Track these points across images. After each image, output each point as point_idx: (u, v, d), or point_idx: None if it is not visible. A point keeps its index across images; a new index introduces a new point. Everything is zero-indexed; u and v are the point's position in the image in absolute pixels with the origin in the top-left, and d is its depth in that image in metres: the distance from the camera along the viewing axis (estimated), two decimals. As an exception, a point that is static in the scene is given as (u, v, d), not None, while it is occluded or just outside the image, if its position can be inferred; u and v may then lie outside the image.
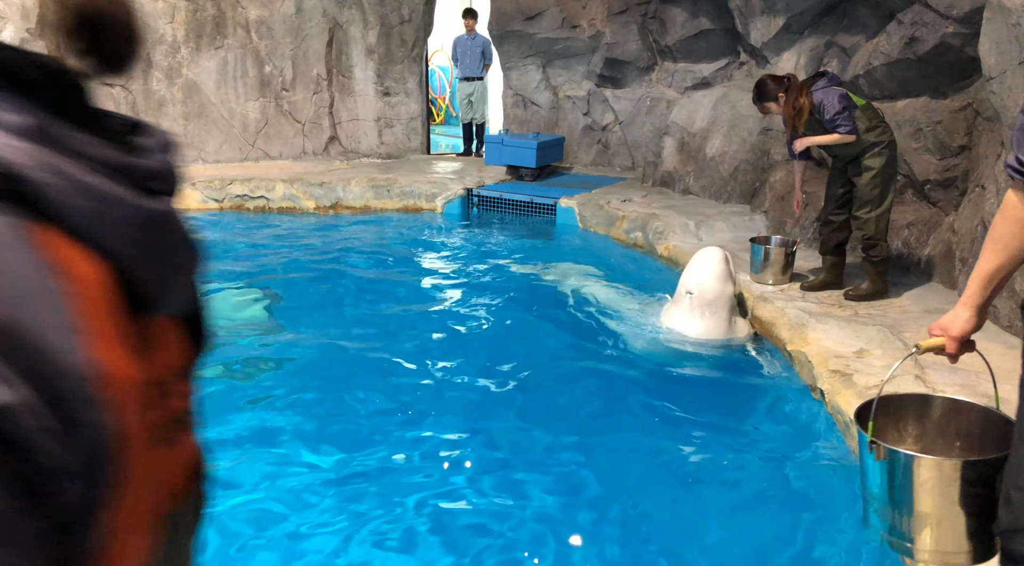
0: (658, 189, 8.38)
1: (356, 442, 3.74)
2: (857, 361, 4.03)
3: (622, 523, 3.19)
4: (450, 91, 16.19)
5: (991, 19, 4.52)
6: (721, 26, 8.23)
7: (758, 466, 3.57)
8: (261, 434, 3.79)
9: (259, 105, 9.99)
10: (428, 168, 9.78)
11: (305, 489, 3.36)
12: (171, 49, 9.48)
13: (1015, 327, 4.32)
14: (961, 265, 4.95)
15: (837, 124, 4.66)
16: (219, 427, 3.84)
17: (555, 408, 4.12)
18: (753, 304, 5.10)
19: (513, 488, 3.39)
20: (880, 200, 4.85)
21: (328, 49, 10.18)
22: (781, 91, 4.82)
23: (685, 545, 3.05)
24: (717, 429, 3.90)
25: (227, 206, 8.56)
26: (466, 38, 10.77)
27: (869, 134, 4.74)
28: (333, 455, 3.63)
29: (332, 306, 5.66)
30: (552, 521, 3.15)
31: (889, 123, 5.03)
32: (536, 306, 5.60)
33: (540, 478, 3.45)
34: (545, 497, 3.33)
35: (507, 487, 3.40)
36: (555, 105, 10.00)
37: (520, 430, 3.89)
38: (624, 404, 4.14)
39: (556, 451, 3.67)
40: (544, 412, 4.05)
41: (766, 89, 4.88)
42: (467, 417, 4.00)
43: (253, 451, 3.65)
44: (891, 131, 4.88)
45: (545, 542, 3.04)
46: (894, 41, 5.90)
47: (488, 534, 3.08)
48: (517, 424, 3.95)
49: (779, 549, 3.00)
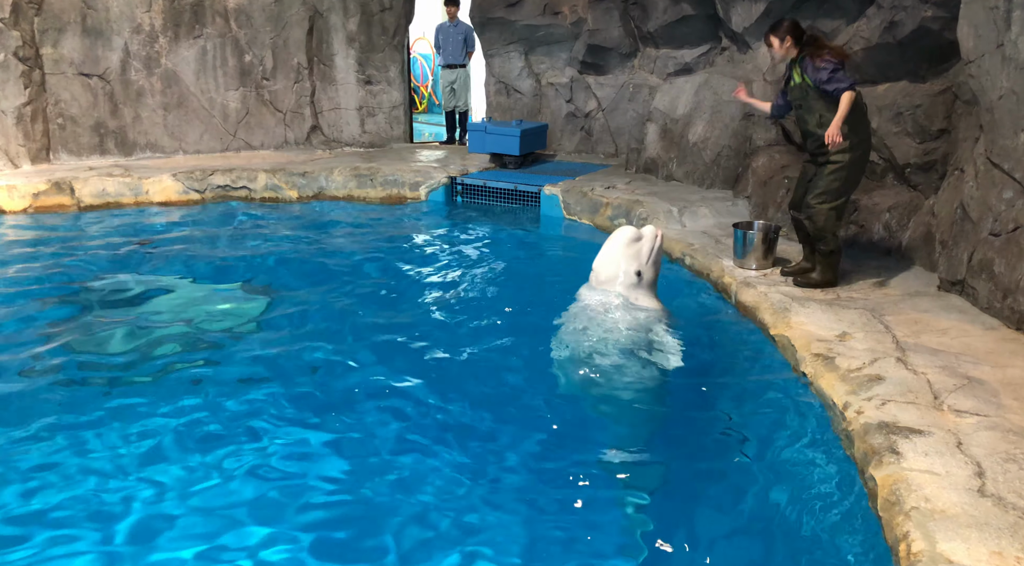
0: (641, 176, 8.39)
1: (342, 434, 3.73)
2: (840, 344, 4.07)
3: (603, 508, 3.22)
4: (432, 79, 16.10)
5: (969, 3, 4.54)
6: (702, 12, 8.22)
7: (740, 449, 3.60)
8: (245, 424, 3.78)
9: (239, 95, 9.89)
10: (411, 157, 9.73)
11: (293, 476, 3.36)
12: (149, 39, 9.36)
13: (993, 309, 4.37)
14: (941, 248, 5.00)
15: (834, 82, 4.68)
16: (202, 419, 3.84)
17: (524, 397, 4.13)
18: (736, 289, 5.13)
19: (489, 475, 3.41)
20: (836, 195, 4.88)
21: (309, 38, 10.09)
22: (790, 35, 4.83)
23: (669, 529, 3.07)
24: (699, 414, 3.93)
25: (209, 197, 8.49)
26: (448, 25, 10.70)
27: (845, 126, 4.74)
28: (318, 445, 3.63)
29: (316, 297, 5.64)
30: (528, 508, 3.17)
31: (870, 106, 5.06)
32: (520, 293, 5.60)
33: (511, 468, 3.47)
34: (518, 484, 3.34)
35: (484, 472, 3.41)
36: (538, 92, 9.98)
37: (491, 419, 3.89)
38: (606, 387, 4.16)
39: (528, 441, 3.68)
40: (514, 401, 4.06)
41: (779, 26, 4.89)
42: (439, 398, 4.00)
43: (236, 441, 3.64)
44: (869, 136, 4.90)
45: (530, 529, 3.06)
46: (874, 25, 5.93)
47: (473, 527, 3.10)
48: (491, 408, 3.95)
49: (763, 531, 3.04)
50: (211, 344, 4.74)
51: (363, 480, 3.35)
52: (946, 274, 4.81)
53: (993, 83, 4.34)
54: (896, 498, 2.74)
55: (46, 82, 9.02)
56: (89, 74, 9.19)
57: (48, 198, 8.01)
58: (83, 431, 3.71)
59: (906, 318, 4.42)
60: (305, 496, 3.25)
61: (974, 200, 4.57)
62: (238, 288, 5.90)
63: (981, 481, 2.79)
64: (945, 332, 4.20)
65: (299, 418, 3.87)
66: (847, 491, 3.10)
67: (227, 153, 9.87)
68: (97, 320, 5.14)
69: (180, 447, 3.60)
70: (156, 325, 5.04)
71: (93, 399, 4.04)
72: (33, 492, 3.26)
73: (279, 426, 3.79)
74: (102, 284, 5.87)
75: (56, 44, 8.96)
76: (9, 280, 5.94)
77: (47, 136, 9.11)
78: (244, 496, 3.24)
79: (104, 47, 9.18)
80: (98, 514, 3.12)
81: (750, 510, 3.16)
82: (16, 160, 8.70)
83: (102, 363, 4.51)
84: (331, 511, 3.17)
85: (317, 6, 10.03)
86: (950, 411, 3.30)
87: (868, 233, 5.70)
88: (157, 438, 3.67)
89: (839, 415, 3.44)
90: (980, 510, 2.63)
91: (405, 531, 3.04)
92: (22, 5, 8.63)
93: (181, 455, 3.53)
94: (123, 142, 9.49)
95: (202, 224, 7.73)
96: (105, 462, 3.47)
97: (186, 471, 3.41)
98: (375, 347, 4.71)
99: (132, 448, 3.58)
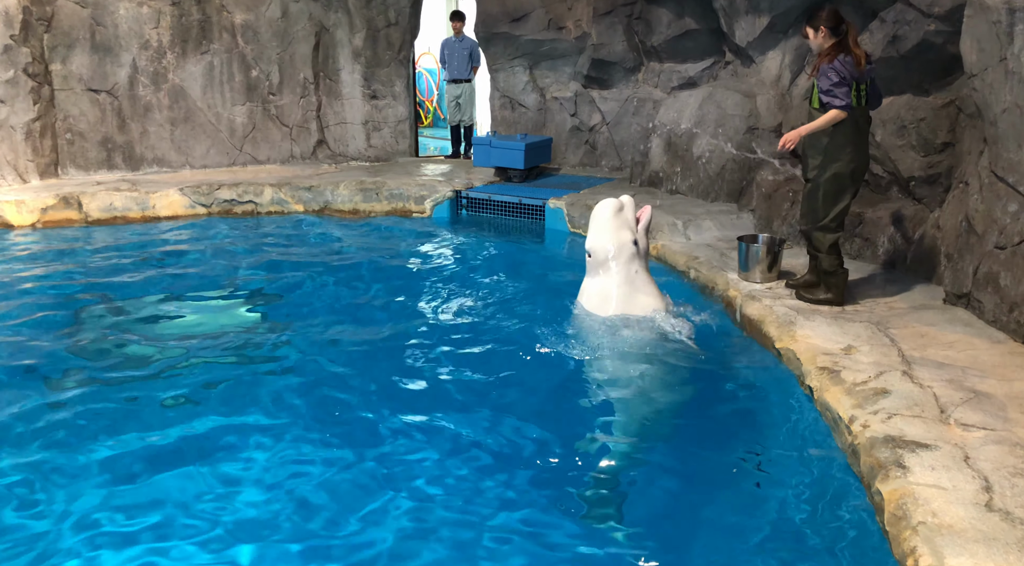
0: (646, 189, 8.41)
1: (347, 442, 3.74)
2: (845, 358, 4.06)
3: (611, 520, 3.21)
4: (437, 93, 16.18)
5: (972, 17, 4.56)
6: (706, 26, 8.26)
7: (744, 463, 3.59)
8: (252, 435, 3.79)
9: (246, 109, 9.96)
10: (416, 170, 9.77)
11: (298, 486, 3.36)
12: (156, 54, 9.44)
13: (1000, 322, 4.36)
14: (946, 261, 4.99)
15: (829, 95, 4.56)
16: (208, 433, 3.85)
17: (532, 405, 4.14)
18: (741, 302, 5.13)
19: (497, 484, 3.40)
20: (816, 215, 4.79)
21: (315, 53, 10.16)
22: (824, 25, 4.62)
23: (672, 545, 3.06)
24: (702, 428, 3.92)
25: (215, 211, 8.53)
26: (454, 40, 10.77)
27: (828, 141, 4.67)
28: (321, 454, 3.64)
29: (322, 311, 5.65)
30: (540, 521, 3.16)
31: (874, 119, 5.06)
32: (524, 306, 5.61)
33: (524, 476, 3.47)
34: (532, 496, 3.34)
35: (491, 480, 3.41)
36: (542, 106, 10.02)
37: (503, 427, 3.90)
38: (610, 400, 4.16)
39: (540, 451, 3.69)
40: (524, 410, 4.07)
41: (816, 16, 4.68)
42: (448, 413, 4.01)
43: (243, 451, 3.65)
44: (856, 160, 4.70)
45: (540, 539, 3.05)
46: (877, 39, 5.95)
47: (475, 529, 3.09)
48: (499, 419, 3.96)
49: (767, 545, 3.02)
50: (217, 358, 4.75)
51: (370, 497, 3.35)
52: (952, 287, 4.81)
53: (996, 97, 4.35)
54: (903, 513, 2.73)
55: (55, 98, 9.10)
56: (97, 90, 9.27)
57: (56, 213, 8.06)
58: (88, 444, 3.72)
59: (912, 331, 4.41)
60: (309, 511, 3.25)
61: (979, 213, 4.57)
62: (244, 302, 5.92)
63: (989, 496, 2.78)
64: (951, 345, 4.19)
65: (304, 431, 3.88)
66: (853, 505, 3.09)
67: (233, 167, 9.93)
68: (103, 335, 5.16)
69: (183, 460, 3.60)
70: (162, 339, 5.06)
71: (100, 413, 4.05)
72: (37, 503, 3.27)
73: (281, 439, 3.79)
74: (108, 299, 5.90)
75: (65, 60, 9.04)
76: (18, 294, 5.97)
77: (55, 151, 9.18)
78: (248, 515, 3.24)
79: (112, 63, 9.27)
80: (105, 534, 3.13)
81: (754, 524, 3.15)
82: (25, 175, 8.76)
83: (109, 377, 4.52)
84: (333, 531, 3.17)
85: (323, 22, 10.11)
86: (957, 425, 3.29)
87: (873, 246, 5.70)
88: (161, 451, 3.67)
89: (845, 429, 3.43)
90: (988, 525, 2.61)
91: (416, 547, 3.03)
92: (32, 22, 8.72)
93: (185, 468, 3.54)
94: (130, 157, 9.56)
95: (208, 238, 7.76)
96: (114, 473, 3.49)
97: (190, 484, 3.42)
98: (381, 361, 4.72)
99: (136, 461, 3.59)
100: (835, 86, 4.55)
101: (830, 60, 4.59)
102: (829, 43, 4.65)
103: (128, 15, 9.25)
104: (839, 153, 4.70)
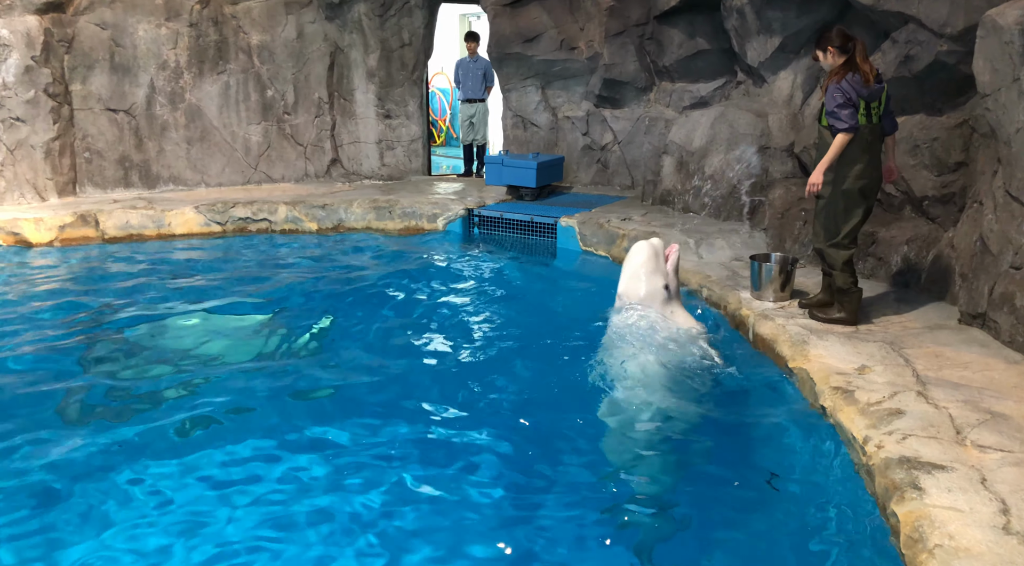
0: (658, 207, 8.42)
1: (358, 465, 3.74)
2: (859, 378, 4.04)
3: (625, 540, 3.19)
4: (450, 113, 16.30)
5: (984, 37, 4.57)
6: (717, 46, 8.31)
7: (757, 483, 3.56)
8: (266, 452, 3.81)
9: (261, 129, 10.07)
10: (429, 189, 9.83)
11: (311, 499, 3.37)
12: (174, 74, 9.58)
13: (1016, 342, 4.33)
14: (961, 281, 4.97)
15: (834, 117, 4.57)
16: (224, 449, 3.86)
17: (552, 426, 4.13)
18: (754, 321, 5.11)
19: (522, 496, 3.40)
20: (830, 234, 4.81)
21: (329, 73, 10.28)
22: (830, 45, 4.65)
23: (688, 562, 3.04)
24: (715, 448, 3.90)
25: (230, 229, 8.61)
26: (468, 60, 10.88)
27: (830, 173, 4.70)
28: (337, 472, 3.65)
29: (337, 329, 5.68)
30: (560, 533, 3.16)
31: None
32: (536, 324, 5.61)
33: (546, 491, 3.46)
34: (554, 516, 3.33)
35: (516, 493, 3.41)
36: (554, 126, 10.07)
37: (522, 443, 3.90)
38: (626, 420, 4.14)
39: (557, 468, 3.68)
40: (543, 430, 4.06)
41: (822, 38, 4.71)
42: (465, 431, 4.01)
43: (258, 471, 3.66)
44: (866, 176, 4.70)
45: (557, 548, 3.04)
46: (889, 59, 5.96)
47: (496, 538, 3.09)
48: (518, 437, 3.95)
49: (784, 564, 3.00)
50: (232, 376, 4.78)
51: (390, 511, 3.35)
52: (967, 307, 4.78)
53: (1010, 117, 4.35)
54: (919, 535, 2.70)
55: (74, 117, 9.23)
56: (116, 109, 9.40)
57: (73, 230, 8.15)
58: (106, 462, 3.74)
59: (926, 351, 4.39)
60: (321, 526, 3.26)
61: (994, 233, 4.55)
62: (259, 320, 5.95)
63: (1006, 518, 2.75)
64: (967, 366, 4.15)
65: (318, 447, 3.89)
66: (868, 527, 3.07)
67: (248, 186, 10.02)
68: (119, 352, 5.20)
69: (201, 477, 3.62)
70: (177, 357, 5.09)
71: (114, 431, 4.07)
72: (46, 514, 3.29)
73: (297, 453, 3.81)
74: (124, 315, 5.95)
75: (85, 81, 9.19)
76: (35, 311, 6.03)
77: (74, 169, 9.30)
78: (261, 532, 3.25)
79: (131, 83, 9.41)
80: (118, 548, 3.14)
81: (767, 546, 3.13)
82: (44, 193, 8.88)
83: (126, 394, 4.56)
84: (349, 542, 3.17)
85: (338, 42, 10.23)
86: (973, 446, 3.26)
87: (886, 265, 5.68)
88: (178, 467, 3.69)
89: (859, 449, 3.41)
90: (1005, 548, 2.59)
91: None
92: (53, 43, 8.87)
93: (202, 486, 3.55)
94: (147, 175, 9.67)
95: (223, 256, 7.83)
96: (131, 495, 3.50)
97: (208, 503, 3.43)
98: (395, 379, 4.73)
99: (153, 480, 3.61)
100: (839, 108, 4.56)
101: (838, 80, 4.60)
102: (839, 61, 4.66)
103: (147, 36, 9.39)
104: (847, 170, 4.71)
